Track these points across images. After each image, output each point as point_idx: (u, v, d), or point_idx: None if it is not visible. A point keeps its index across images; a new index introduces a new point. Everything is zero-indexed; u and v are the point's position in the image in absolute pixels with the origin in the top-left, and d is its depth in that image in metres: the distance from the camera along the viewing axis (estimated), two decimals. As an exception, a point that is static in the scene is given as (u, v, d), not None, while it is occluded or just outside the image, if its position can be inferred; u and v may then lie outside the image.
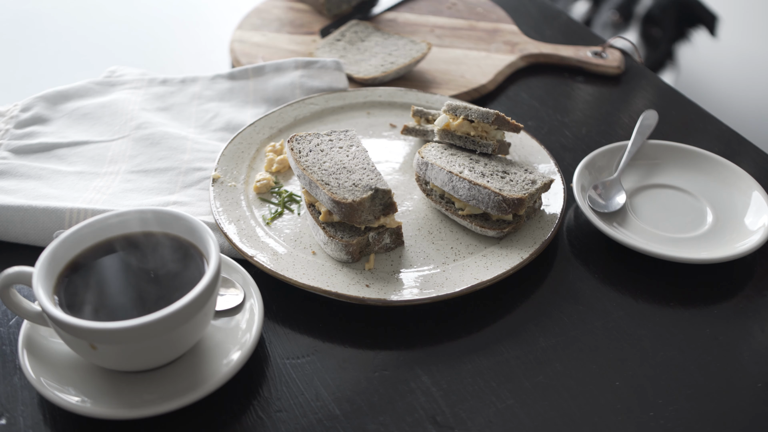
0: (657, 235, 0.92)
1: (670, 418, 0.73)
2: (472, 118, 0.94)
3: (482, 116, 0.94)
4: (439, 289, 0.82)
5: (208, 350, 0.75)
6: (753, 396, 0.75)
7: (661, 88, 1.25)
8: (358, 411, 0.73)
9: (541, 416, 0.73)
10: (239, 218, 0.91)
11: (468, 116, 0.95)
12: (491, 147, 0.94)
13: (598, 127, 1.15)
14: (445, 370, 0.77)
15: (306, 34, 1.34)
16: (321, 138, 0.94)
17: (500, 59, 1.27)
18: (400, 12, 1.43)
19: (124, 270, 0.74)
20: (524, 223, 0.91)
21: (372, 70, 1.21)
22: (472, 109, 0.94)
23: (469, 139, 0.95)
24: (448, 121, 0.97)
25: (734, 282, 0.88)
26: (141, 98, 1.13)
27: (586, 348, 0.80)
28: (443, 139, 0.97)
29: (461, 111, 0.95)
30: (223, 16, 1.45)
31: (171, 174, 0.99)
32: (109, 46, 1.39)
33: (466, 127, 0.95)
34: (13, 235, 0.89)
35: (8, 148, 1.01)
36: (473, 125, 0.95)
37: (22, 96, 1.10)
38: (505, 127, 0.95)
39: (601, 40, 1.35)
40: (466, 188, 0.88)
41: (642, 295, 0.86)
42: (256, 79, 1.17)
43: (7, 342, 0.79)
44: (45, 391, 0.69)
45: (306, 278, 0.83)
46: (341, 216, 0.84)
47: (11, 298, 0.72)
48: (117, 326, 0.64)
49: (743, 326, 0.83)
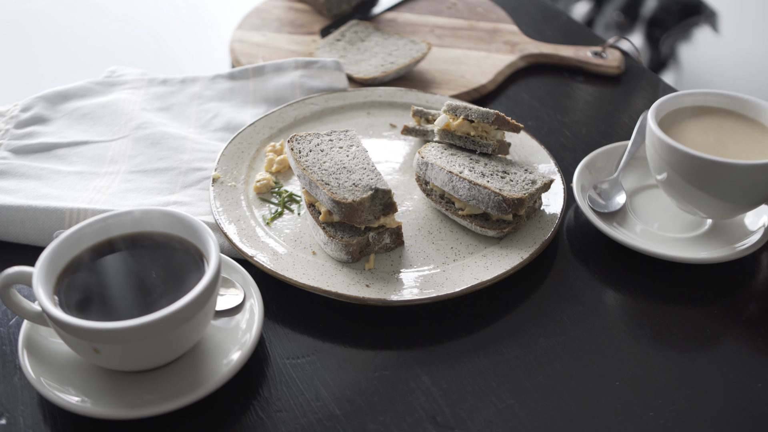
0: (657, 235, 0.92)
1: (670, 418, 0.73)
2: (472, 118, 0.94)
3: (482, 116, 0.94)
4: (439, 289, 0.82)
5: (208, 350, 0.75)
6: (753, 396, 0.75)
7: (662, 88, 1.25)
8: (358, 411, 0.73)
9: (541, 416, 0.73)
10: (239, 218, 0.91)
11: (468, 116, 0.95)
12: (491, 147, 0.94)
13: (598, 127, 1.15)
14: (445, 370, 0.77)
15: (306, 34, 1.34)
16: (321, 138, 0.94)
17: (500, 59, 1.27)
18: (400, 12, 1.43)
19: (124, 270, 0.74)
20: (524, 223, 0.91)
21: (372, 70, 1.21)
22: (472, 109, 0.94)
23: (469, 139, 0.95)
24: (448, 121, 0.97)
25: (734, 282, 0.88)
26: (141, 98, 1.13)
27: (586, 348, 0.80)
28: (443, 139, 0.97)
29: (461, 111, 0.95)
30: (223, 16, 1.45)
31: (171, 174, 0.99)
32: (109, 46, 1.39)
33: (466, 127, 0.95)
34: (13, 235, 0.89)
35: (8, 148, 1.01)
36: (473, 125, 0.95)
37: (22, 96, 1.10)
38: (505, 127, 0.95)
39: (601, 40, 1.35)
40: (466, 188, 0.88)
41: (642, 295, 0.86)
42: (256, 79, 1.17)
43: (7, 342, 0.79)
44: (45, 391, 0.69)
45: (306, 278, 0.83)
46: (341, 216, 0.84)
47: (11, 298, 0.72)
48: (117, 326, 0.64)
49: (743, 326, 0.83)
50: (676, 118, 0.92)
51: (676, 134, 0.89)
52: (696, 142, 0.88)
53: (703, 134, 0.90)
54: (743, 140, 0.89)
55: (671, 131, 0.89)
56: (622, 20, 2.60)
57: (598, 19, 2.68)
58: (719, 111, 0.93)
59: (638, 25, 2.59)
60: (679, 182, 0.87)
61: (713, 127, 0.91)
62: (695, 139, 0.89)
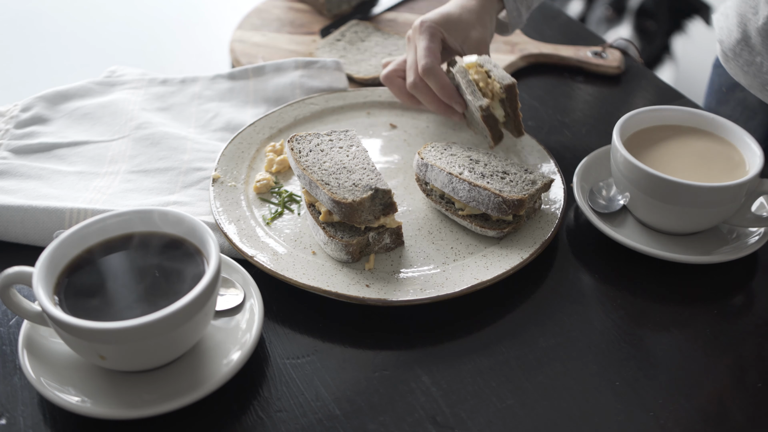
0: (657, 235, 0.92)
1: (670, 418, 0.73)
2: (491, 75, 0.96)
3: (500, 77, 0.95)
4: (439, 289, 0.82)
5: (208, 350, 0.75)
6: (753, 396, 0.75)
7: (661, 88, 1.25)
8: (358, 411, 0.73)
9: (541, 416, 0.73)
10: (239, 218, 0.91)
11: (490, 72, 0.96)
12: (482, 103, 0.94)
13: (598, 127, 1.15)
14: (445, 370, 0.77)
15: (306, 34, 1.34)
16: (321, 138, 0.94)
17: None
18: (400, 12, 1.43)
19: (124, 270, 0.74)
20: (524, 223, 0.91)
21: (372, 70, 1.21)
22: (497, 66, 0.97)
23: (471, 85, 0.96)
24: (472, 63, 0.98)
25: (734, 282, 0.88)
26: (141, 98, 1.13)
27: (586, 348, 0.80)
28: (453, 73, 0.98)
29: (488, 64, 0.98)
30: (223, 16, 1.45)
31: (171, 174, 0.99)
32: (109, 46, 1.39)
33: (481, 76, 0.97)
34: (13, 235, 0.89)
35: (8, 148, 1.01)
36: (487, 80, 0.96)
37: (22, 96, 1.10)
38: (510, 105, 0.97)
39: (601, 40, 1.35)
40: (466, 190, 0.88)
41: (642, 295, 0.86)
42: (256, 79, 1.17)
43: (7, 342, 0.79)
44: (45, 391, 0.69)
45: (306, 278, 0.83)
46: (341, 216, 0.84)
47: (11, 298, 0.72)
48: (117, 326, 0.64)
49: (743, 326, 0.83)
50: (644, 137, 0.94)
51: (642, 153, 0.91)
52: (659, 162, 0.90)
53: (667, 153, 0.92)
54: (707, 159, 0.91)
55: (639, 149, 0.92)
56: (610, 14, 2.60)
57: (590, 15, 2.68)
58: (684, 129, 0.95)
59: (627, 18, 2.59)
60: (643, 199, 0.88)
61: (678, 146, 0.92)
62: (655, 157, 0.91)
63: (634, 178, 0.87)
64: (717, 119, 0.93)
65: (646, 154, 0.91)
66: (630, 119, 0.93)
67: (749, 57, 0.99)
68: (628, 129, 0.93)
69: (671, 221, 0.88)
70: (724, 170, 0.89)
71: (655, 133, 0.94)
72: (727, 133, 0.92)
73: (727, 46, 1.06)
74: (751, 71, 1.02)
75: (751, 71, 1.02)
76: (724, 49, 1.09)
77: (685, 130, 0.94)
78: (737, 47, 1.01)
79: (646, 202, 0.87)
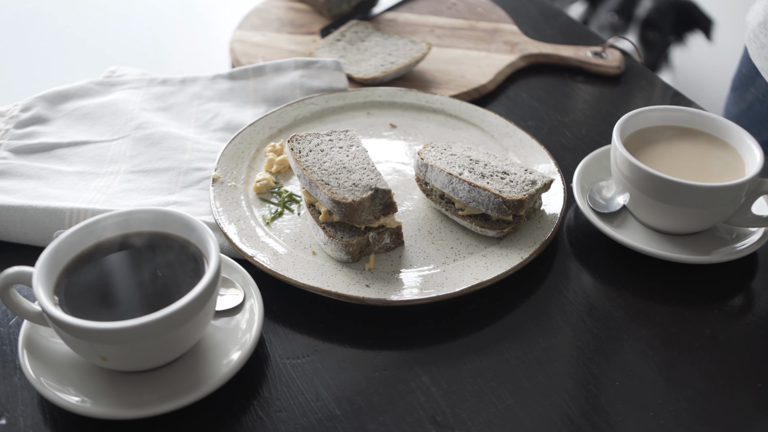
0: (657, 235, 0.92)
1: (670, 418, 0.73)
2: None
3: None
4: (439, 289, 0.82)
5: (208, 350, 0.75)
6: (753, 396, 0.75)
7: (661, 88, 1.25)
8: (358, 411, 0.73)
9: (541, 416, 0.73)
10: (239, 218, 0.91)
11: None
12: None
13: (598, 127, 1.15)
14: (445, 370, 0.77)
15: (306, 34, 1.34)
16: (321, 138, 0.94)
17: (500, 59, 1.27)
18: (400, 12, 1.43)
19: (124, 270, 0.74)
20: (524, 223, 0.91)
21: (372, 70, 1.21)
22: None
23: None
24: None
25: (734, 282, 0.88)
26: (141, 98, 1.13)
27: (586, 348, 0.80)
28: None
29: None
30: (223, 16, 1.45)
31: (171, 174, 0.99)
32: (108, 46, 1.39)
33: None
34: (13, 235, 0.89)
35: (8, 148, 1.01)
36: None
37: (22, 96, 1.10)
38: None
39: (601, 40, 1.35)
40: (466, 190, 0.88)
41: (642, 295, 0.86)
42: (256, 79, 1.17)
43: (7, 342, 0.79)
44: (45, 391, 0.69)
45: (306, 278, 0.83)
46: (341, 216, 0.84)
47: (11, 298, 0.72)
48: (117, 326, 0.64)
49: (743, 326, 0.83)
50: (644, 137, 0.94)
51: (641, 153, 0.91)
52: (659, 162, 0.90)
53: (668, 153, 0.92)
54: (707, 160, 0.91)
55: (639, 149, 0.91)
56: (616, 21, 2.61)
57: (593, 20, 2.68)
58: (684, 129, 0.95)
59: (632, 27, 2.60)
60: (643, 199, 0.88)
61: (677, 146, 0.92)
62: (657, 156, 0.91)
63: (634, 178, 0.87)
64: (717, 119, 0.93)
65: (646, 154, 0.91)
66: (630, 119, 0.93)
67: (765, 40, 1.00)
68: (628, 129, 0.93)
69: (671, 221, 0.88)
70: (724, 170, 0.89)
71: (655, 133, 0.94)
72: (727, 134, 0.92)
73: (751, 27, 1.07)
74: (764, 54, 1.02)
75: (764, 54, 1.02)
76: (749, 31, 1.09)
77: (685, 130, 0.95)
78: (758, 29, 1.02)
79: (646, 202, 0.87)
